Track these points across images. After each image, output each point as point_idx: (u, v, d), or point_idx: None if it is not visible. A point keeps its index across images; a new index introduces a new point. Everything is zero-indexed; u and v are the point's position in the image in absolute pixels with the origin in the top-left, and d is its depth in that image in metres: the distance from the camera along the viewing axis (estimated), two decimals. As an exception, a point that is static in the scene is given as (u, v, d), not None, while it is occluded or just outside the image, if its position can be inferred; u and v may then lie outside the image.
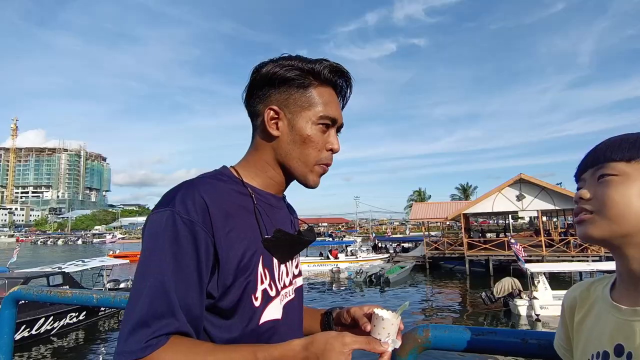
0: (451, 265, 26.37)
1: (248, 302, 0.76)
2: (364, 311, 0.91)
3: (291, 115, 0.86)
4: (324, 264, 27.67)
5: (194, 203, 0.72)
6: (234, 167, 0.89)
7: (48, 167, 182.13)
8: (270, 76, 0.85)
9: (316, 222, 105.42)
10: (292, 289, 0.91)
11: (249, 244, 0.78)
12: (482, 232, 33.36)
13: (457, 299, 18.18)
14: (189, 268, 0.69)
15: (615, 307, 0.69)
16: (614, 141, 0.69)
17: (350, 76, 0.92)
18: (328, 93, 0.89)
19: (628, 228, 0.64)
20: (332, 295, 19.40)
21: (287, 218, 0.95)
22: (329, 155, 0.89)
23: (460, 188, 72.36)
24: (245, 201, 0.82)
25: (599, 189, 0.67)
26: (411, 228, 67.20)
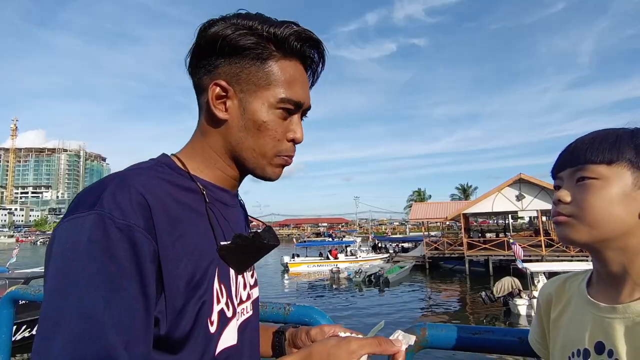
0: (451, 265, 26.35)
1: (202, 328, 0.59)
2: (325, 333, 0.80)
3: (243, 94, 0.67)
4: (323, 264, 27.66)
5: (132, 201, 0.54)
6: (176, 156, 0.70)
7: (48, 168, 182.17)
8: (218, 41, 0.65)
9: (316, 222, 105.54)
10: (250, 304, 0.75)
11: (202, 254, 0.61)
12: (481, 232, 33.39)
13: (457, 299, 18.19)
14: (130, 292, 0.51)
15: (593, 304, 0.69)
16: (593, 139, 0.67)
17: (323, 46, 0.72)
18: (293, 68, 0.70)
19: (608, 234, 0.64)
20: (331, 296, 19.40)
21: (241, 218, 0.80)
22: (290, 146, 0.72)
23: (460, 188, 72.44)
24: (193, 200, 0.65)
25: (579, 192, 0.66)
26: (411, 228, 67.22)
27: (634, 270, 0.64)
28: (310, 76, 0.75)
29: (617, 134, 0.66)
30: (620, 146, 0.65)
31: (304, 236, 66.98)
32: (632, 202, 0.63)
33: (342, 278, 23.24)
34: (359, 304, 17.07)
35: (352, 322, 13.25)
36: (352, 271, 23.05)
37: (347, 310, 15.82)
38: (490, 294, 14.82)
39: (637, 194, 0.63)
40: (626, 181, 0.63)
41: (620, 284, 0.67)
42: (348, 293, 19.78)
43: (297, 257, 29.50)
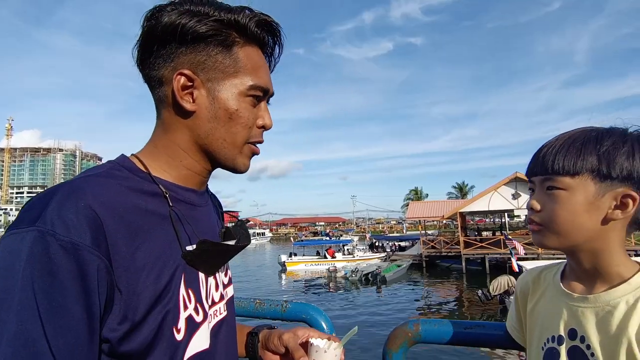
0: (448, 264, 26.47)
1: (167, 337, 0.57)
2: (299, 338, 0.79)
3: (211, 83, 0.65)
4: (321, 263, 27.70)
5: (78, 216, 0.50)
6: (137, 156, 0.67)
7: (43, 167, 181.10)
8: (178, 29, 0.62)
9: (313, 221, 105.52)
10: (223, 304, 0.74)
11: (165, 262, 0.59)
12: (478, 230, 33.53)
13: (454, 297, 18.26)
14: (72, 314, 0.48)
15: (567, 294, 0.75)
16: (561, 147, 0.71)
17: (280, 33, 0.71)
18: (256, 55, 0.69)
19: (575, 240, 0.71)
20: (328, 295, 19.44)
21: (212, 216, 0.77)
22: (259, 132, 0.71)
23: (457, 187, 72.73)
24: (156, 204, 0.61)
25: (548, 201, 0.73)
26: (408, 227, 67.37)
27: (602, 266, 0.72)
28: (269, 61, 0.73)
29: (583, 140, 0.70)
30: (584, 156, 0.69)
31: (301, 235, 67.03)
32: (596, 210, 0.69)
33: (339, 277, 23.29)
34: (356, 303, 17.10)
35: (348, 320, 13.30)
36: (349, 270, 23.10)
37: (344, 309, 15.85)
38: (487, 292, 14.89)
39: (600, 202, 0.69)
40: (589, 191, 0.69)
41: (591, 277, 0.73)
42: (345, 292, 19.83)
43: (294, 256, 29.52)
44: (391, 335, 1.10)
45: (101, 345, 0.53)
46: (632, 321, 0.65)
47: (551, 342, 0.76)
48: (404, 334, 1.08)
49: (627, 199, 0.67)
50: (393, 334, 1.10)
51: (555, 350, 0.75)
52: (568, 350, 0.73)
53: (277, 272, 27.75)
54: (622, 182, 0.68)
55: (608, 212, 0.69)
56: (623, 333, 0.65)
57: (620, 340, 0.65)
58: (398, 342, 1.08)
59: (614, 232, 0.70)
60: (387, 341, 1.10)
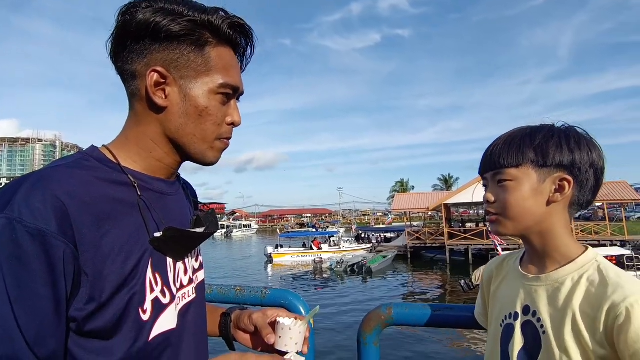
0: (432, 255, 26.93)
1: (133, 317, 0.61)
2: (268, 317, 0.84)
3: (183, 80, 0.68)
4: (307, 254, 27.85)
5: (45, 205, 0.53)
6: (107, 147, 0.70)
7: (22, 158, 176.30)
8: (151, 27, 0.64)
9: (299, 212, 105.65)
10: (192, 287, 0.77)
11: (132, 247, 0.63)
12: (462, 222, 34.12)
13: (437, 287, 18.65)
14: (39, 295, 0.52)
15: (523, 275, 0.84)
16: (504, 145, 0.82)
17: (252, 33, 0.74)
18: (228, 55, 0.72)
19: (527, 223, 0.81)
20: (314, 285, 19.61)
21: (184, 204, 0.80)
22: (229, 129, 0.74)
23: (442, 179, 73.58)
24: (124, 193, 0.65)
25: (500, 193, 0.82)
26: (394, 218, 68.14)
27: (550, 247, 0.81)
28: (240, 61, 0.76)
29: (521, 137, 0.82)
30: (523, 150, 0.80)
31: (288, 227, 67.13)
32: (540, 195, 0.79)
33: (325, 268, 23.50)
34: (341, 293, 17.33)
35: (333, 309, 13.48)
36: (335, 261, 23.32)
37: (330, 298, 16.04)
38: (469, 282, 15.25)
39: (542, 188, 0.79)
40: (532, 179, 0.80)
41: (543, 258, 0.82)
42: (330, 282, 20.03)
43: (280, 247, 29.61)
44: (365, 319, 1.15)
45: (69, 324, 0.57)
46: (576, 295, 0.74)
47: (508, 319, 0.84)
48: (377, 317, 1.13)
49: (564, 182, 0.79)
50: (367, 317, 1.15)
51: (511, 326, 0.83)
52: (522, 325, 0.81)
53: (263, 264, 27.81)
54: (557, 169, 0.79)
55: (550, 195, 0.79)
56: (569, 306, 0.74)
57: (566, 313, 0.73)
58: (372, 325, 1.13)
59: (557, 215, 0.80)
60: (361, 324, 1.15)
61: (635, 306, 0.65)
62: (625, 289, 0.68)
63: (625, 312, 0.66)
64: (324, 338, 10.33)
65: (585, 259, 0.77)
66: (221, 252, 38.23)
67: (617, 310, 0.66)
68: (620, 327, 0.66)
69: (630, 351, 0.64)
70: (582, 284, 0.74)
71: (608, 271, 0.73)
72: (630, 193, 23.01)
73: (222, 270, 25.71)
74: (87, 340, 0.58)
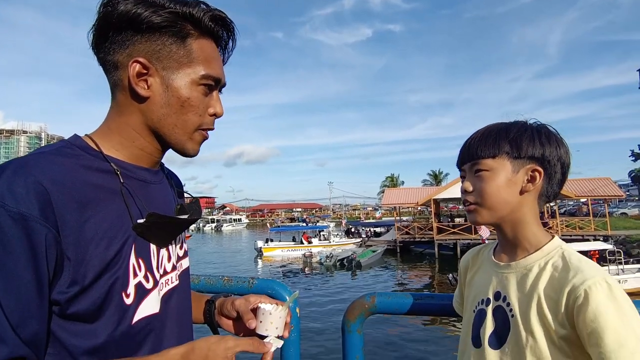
0: (421, 249, 27.22)
1: (116, 301, 0.63)
2: (250, 304, 0.86)
3: (165, 72, 0.69)
4: (297, 248, 27.92)
5: (27, 190, 0.55)
6: (90, 136, 0.71)
7: (6, 150, 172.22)
8: (133, 18, 0.65)
9: (290, 207, 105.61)
10: (176, 274, 0.79)
11: (115, 233, 0.64)
12: (451, 217, 34.53)
13: (426, 281, 18.90)
14: (21, 277, 0.54)
15: (496, 264, 0.89)
16: (481, 137, 0.87)
17: (234, 27, 0.76)
18: (210, 47, 0.73)
19: (502, 212, 0.85)
20: (304, 279, 19.71)
21: (167, 193, 0.82)
22: (211, 120, 0.75)
23: (432, 174, 74.18)
24: (107, 180, 0.66)
25: (477, 182, 0.87)
26: (384, 213, 68.59)
27: (521, 236, 0.86)
28: (222, 53, 0.78)
29: (497, 131, 0.87)
30: (499, 143, 0.85)
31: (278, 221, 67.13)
32: (514, 184, 0.84)
33: (315, 262, 23.62)
34: (330, 286, 17.46)
35: (321, 300, 13.59)
36: (324, 255, 23.45)
37: (318, 290, 16.16)
38: (457, 276, 15.50)
39: (516, 178, 0.84)
40: (507, 169, 0.84)
41: (514, 247, 0.87)
42: (320, 276, 20.15)
43: (271, 241, 29.62)
44: (350, 307, 1.18)
45: (52, 307, 0.59)
46: (541, 280, 0.78)
47: (481, 305, 0.89)
48: (361, 305, 1.16)
49: (535, 173, 0.84)
50: (351, 306, 1.18)
51: (483, 311, 0.87)
52: (493, 310, 0.85)
53: (253, 258, 27.82)
54: (529, 160, 0.84)
55: (522, 185, 0.84)
56: (535, 291, 0.78)
57: (532, 297, 0.78)
58: (356, 313, 1.16)
59: (528, 205, 0.85)
60: (345, 312, 1.18)
61: (592, 288, 0.69)
62: (585, 272, 0.72)
63: (584, 294, 0.70)
64: (311, 327, 10.50)
65: (551, 247, 0.82)
66: (211, 246, 38.10)
67: (577, 292, 0.71)
68: (579, 308, 0.70)
69: (587, 330, 0.69)
70: (547, 269, 0.79)
71: (571, 257, 0.78)
72: (613, 189, 23.52)
73: (212, 264, 25.64)
74: (71, 323, 0.60)
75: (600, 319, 0.67)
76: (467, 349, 0.89)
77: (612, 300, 0.69)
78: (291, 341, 1.18)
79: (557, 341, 0.74)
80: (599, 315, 0.67)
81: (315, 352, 8.95)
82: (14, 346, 0.53)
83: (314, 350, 9.04)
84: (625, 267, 14.22)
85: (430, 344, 9.88)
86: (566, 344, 0.73)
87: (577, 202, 37.00)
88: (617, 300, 0.69)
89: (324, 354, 8.82)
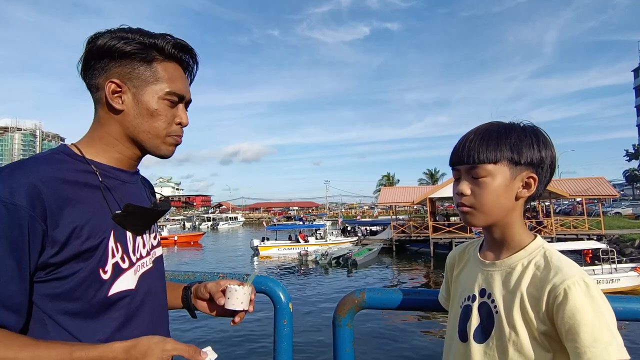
0: (417, 248, 27.31)
1: (94, 275, 0.76)
2: (220, 286, 0.98)
3: (135, 89, 0.84)
4: (294, 247, 27.95)
5: (21, 187, 0.69)
6: (75, 145, 0.85)
7: (0, 148, 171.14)
8: (107, 49, 0.82)
9: (286, 205, 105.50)
10: (150, 259, 0.92)
11: (96, 222, 0.77)
12: (446, 215, 34.66)
13: (421, 279, 19.00)
14: (5, 256, 0.67)
15: (481, 262, 0.92)
16: (481, 140, 0.85)
17: (195, 53, 0.92)
18: (173, 68, 0.88)
19: (496, 218, 0.87)
20: (300, 277, 19.75)
21: (141, 192, 0.95)
22: (178, 128, 0.89)
23: (428, 173, 74.30)
24: (89, 178, 0.80)
25: (476, 187, 0.86)
26: (380, 212, 68.67)
27: (508, 237, 0.89)
28: (188, 75, 0.94)
29: (498, 134, 0.85)
30: (501, 147, 0.84)
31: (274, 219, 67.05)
32: (510, 190, 0.85)
33: (310, 260, 23.67)
34: (326, 284, 17.52)
35: (315, 297, 13.65)
36: (319, 254, 23.51)
37: (313, 288, 16.21)
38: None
39: (513, 184, 0.85)
40: (506, 175, 0.85)
41: (500, 246, 0.90)
42: (316, 274, 20.21)
43: (267, 240, 29.63)
44: (340, 303, 1.22)
45: (35, 286, 0.72)
46: (524, 279, 0.82)
47: (467, 301, 0.92)
48: (351, 301, 1.21)
49: (530, 180, 0.85)
50: (342, 301, 1.22)
51: (469, 307, 0.91)
52: (478, 306, 0.89)
53: (249, 257, 27.82)
54: (527, 167, 0.85)
55: (518, 191, 0.86)
56: (518, 288, 0.82)
57: (516, 294, 0.81)
58: (346, 308, 1.20)
59: (517, 209, 0.88)
60: (336, 308, 1.23)
61: (572, 287, 0.73)
62: (564, 272, 0.76)
63: (563, 292, 0.74)
64: (304, 323, 10.60)
65: (534, 246, 0.85)
66: (207, 244, 38.01)
67: (557, 290, 0.75)
68: (559, 306, 0.74)
69: (565, 326, 0.73)
70: (530, 268, 0.82)
71: (552, 257, 0.82)
72: (607, 189, 23.72)
73: (207, 263, 25.62)
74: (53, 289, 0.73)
75: (577, 316, 0.71)
76: (454, 343, 0.93)
77: (589, 299, 0.72)
78: (284, 336, 1.22)
79: (538, 336, 0.77)
80: (576, 312, 0.71)
81: (308, 346, 9.06)
82: None
83: (306, 344, 9.16)
84: (618, 266, 14.36)
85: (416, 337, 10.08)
86: (546, 339, 0.77)
87: (572, 202, 37.27)
88: (593, 299, 0.73)
89: (316, 348, 8.95)
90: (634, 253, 18.59)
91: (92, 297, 0.76)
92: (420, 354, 8.95)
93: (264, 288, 1.34)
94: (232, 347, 8.93)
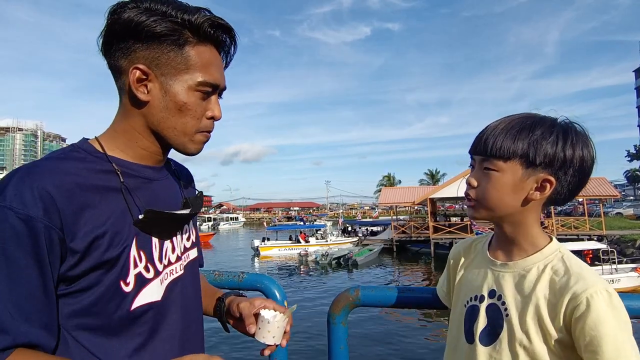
0: (417, 248, 27.27)
1: (115, 289, 0.69)
2: (254, 308, 0.88)
3: (164, 77, 0.73)
4: (294, 247, 27.95)
5: (33, 194, 0.61)
6: (97, 139, 0.76)
7: (1, 148, 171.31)
8: (135, 27, 0.69)
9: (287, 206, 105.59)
10: (180, 265, 0.83)
11: (117, 228, 0.69)
12: (446, 216, 34.63)
13: (422, 280, 19.00)
14: (28, 274, 0.60)
15: (491, 261, 0.88)
16: (501, 131, 0.81)
17: (234, 32, 0.79)
18: (209, 52, 0.76)
19: (502, 213, 0.83)
20: (300, 277, 19.76)
21: (172, 188, 0.85)
22: (209, 123, 0.79)
23: (429, 173, 74.31)
24: (110, 180, 0.71)
25: (484, 179, 0.83)
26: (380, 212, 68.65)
27: (520, 237, 0.84)
28: (224, 58, 0.81)
29: (519, 128, 0.80)
30: (517, 143, 0.79)
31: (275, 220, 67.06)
32: (520, 190, 0.81)
33: (310, 261, 23.68)
34: (325, 284, 17.54)
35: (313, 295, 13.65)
36: (320, 254, 23.52)
37: (312, 287, 16.24)
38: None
39: (524, 184, 0.80)
40: (517, 174, 0.80)
41: (512, 246, 0.86)
42: (316, 275, 20.21)
43: (267, 240, 29.63)
44: (335, 300, 1.23)
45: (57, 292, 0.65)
46: (540, 283, 0.78)
47: (473, 301, 0.88)
48: (345, 298, 1.21)
49: (546, 183, 0.80)
50: (337, 299, 1.23)
51: (476, 307, 0.87)
52: (487, 307, 0.85)
53: (250, 257, 27.83)
54: (544, 169, 0.79)
55: (529, 192, 0.80)
56: (533, 293, 0.78)
57: (530, 299, 0.78)
58: (340, 306, 1.21)
59: (532, 209, 0.83)
60: (331, 305, 1.23)
61: (594, 297, 0.70)
62: (587, 280, 0.73)
63: (585, 302, 0.70)
64: (301, 322, 10.67)
65: (550, 250, 0.81)
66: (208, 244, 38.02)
67: (578, 299, 0.71)
68: (580, 316, 0.70)
69: (587, 338, 0.69)
70: (546, 272, 0.78)
71: (571, 262, 0.78)
72: (608, 189, 23.67)
73: (208, 263, 25.60)
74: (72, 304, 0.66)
75: (599, 328, 0.68)
76: (460, 344, 0.89)
77: (612, 309, 0.70)
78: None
79: (551, 344, 0.74)
80: (599, 324, 0.68)
81: (304, 343, 9.17)
82: (20, 334, 0.59)
83: (303, 342, 9.27)
84: (619, 266, 14.35)
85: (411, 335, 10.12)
86: (560, 347, 0.74)
87: (573, 202, 37.18)
88: (616, 310, 0.70)
89: (312, 344, 9.05)
90: (635, 253, 18.56)
91: (113, 312, 0.68)
92: (415, 352, 8.97)
93: (259, 285, 1.34)
94: (226, 345, 8.92)
